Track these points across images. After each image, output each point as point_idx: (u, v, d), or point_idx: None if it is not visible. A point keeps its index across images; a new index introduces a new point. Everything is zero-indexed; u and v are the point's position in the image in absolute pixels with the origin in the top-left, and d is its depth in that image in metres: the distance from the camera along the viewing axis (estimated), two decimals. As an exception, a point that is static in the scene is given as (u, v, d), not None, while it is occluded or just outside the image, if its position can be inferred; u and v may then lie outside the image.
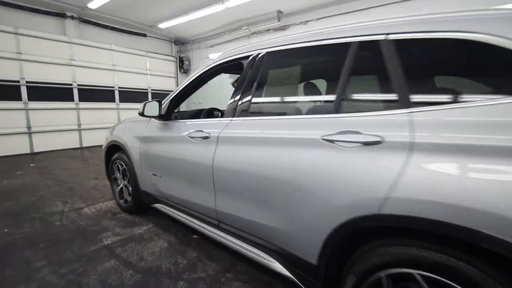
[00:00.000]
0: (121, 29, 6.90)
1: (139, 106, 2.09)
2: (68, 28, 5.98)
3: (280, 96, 1.58)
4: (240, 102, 1.51)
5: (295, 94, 1.66)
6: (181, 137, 1.80)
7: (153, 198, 2.18)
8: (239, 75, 2.53)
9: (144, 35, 7.44)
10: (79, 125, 6.19)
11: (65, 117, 5.97)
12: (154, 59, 7.72)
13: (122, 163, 2.45)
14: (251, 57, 1.54)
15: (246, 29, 6.38)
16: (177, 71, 8.41)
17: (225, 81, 7.06)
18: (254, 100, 1.46)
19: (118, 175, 2.59)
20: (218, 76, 2.06)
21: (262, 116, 1.43)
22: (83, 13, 5.99)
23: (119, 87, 6.89)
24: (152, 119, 2.14)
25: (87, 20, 6.25)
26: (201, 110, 2.45)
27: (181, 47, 8.45)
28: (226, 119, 1.56)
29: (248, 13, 5.82)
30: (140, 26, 6.91)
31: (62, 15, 5.85)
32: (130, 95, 7.13)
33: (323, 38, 1.22)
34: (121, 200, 2.59)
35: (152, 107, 1.99)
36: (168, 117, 2.06)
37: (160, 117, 2.05)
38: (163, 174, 1.98)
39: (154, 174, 2.07)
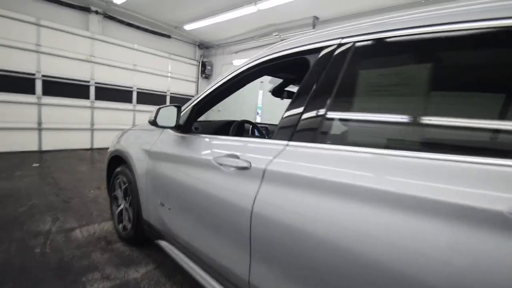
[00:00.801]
0: (145, 29, 6.64)
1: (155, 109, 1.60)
2: (92, 23, 5.75)
3: (390, 112, 0.88)
4: (304, 118, 0.96)
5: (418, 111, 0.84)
6: (205, 161, 1.25)
7: (157, 232, 1.64)
8: (281, 80, 2.03)
9: (169, 36, 7.16)
10: (92, 124, 5.87)
11: (78, 115, 5.66)
12: (177, 61, 7.41)
13: (125, 180, 1.94)
14: (325, 51, 0.99)
15: (276, 35, 5.92)
16: (198, 76, 8.07)
17: (249, 87, 6.60)
18: (333, 115, 0.91)
19: (119, 193, 2.08)
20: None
21: (352, 144, 0.84)
22: (108, 8, 5.75)
23: (137, 88, 6.57)
24: (166, 129, 1.62)
25: (111, 16, 6.01)
26: (229, 122, 1.92)
27: (204, 51, 8.13)
28: (277, 142, 1.01)
29: (281, 17, 5.37)
30: (165, 27, 6.62)
31: (86, 9, 5.63)
32: (148, 97, 6.79)
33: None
34: (120, 225, 2.07)
35: (169, 114, 1.46)
36: (188, 128, 1.54)
37: (177, 128, 1.53)
38: (174, 206, 1.44)
39: (162, 204, 1.53)
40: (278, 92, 1.93)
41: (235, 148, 1.16)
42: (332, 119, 0.91)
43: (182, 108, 1.55)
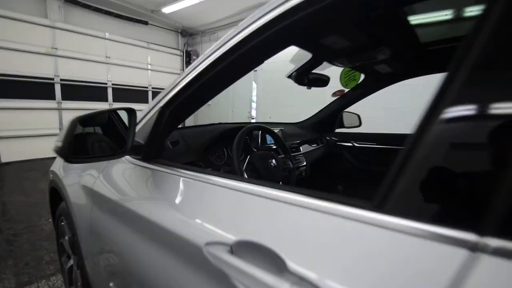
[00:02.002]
0: (117, 14, 5.74)
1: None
2: (51, 10, 4.84)
3: None
4: None
5: None
6: (188, 246, 0.57)
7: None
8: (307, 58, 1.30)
9: (146, 23, 6.27)
10: (60, 129, 5.03)
11: (43, 119, 4.82)
12: (157, 51, 6.55)
13: (68, 227, 1.24)
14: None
15: (269, 15, 5.15)
16: (183, 67, 7.23)
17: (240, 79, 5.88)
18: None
19: (66, 241, 1.38)
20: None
21: None
22: (68, -10, 4.84)
23: (113, 84, 5.72)
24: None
25: (74, 0, 5.09)
26: (230, 129, 1.25)
27: (188, 39, 7.27)
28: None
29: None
30: (140, 11, 5.74)
31: (42, -8, 4.71)
32: (127, 94, 5.95)
33: None
34: (71, 289, 1.37)
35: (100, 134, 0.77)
36: (154, 151, 0.85)
37: (135, 151, 0.84)
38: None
39: (115, 291, 0.85)
40: (301, 77, 1.24)
41: (268, 223, 0.49)
42: None
43: (141, 114, 0.86)
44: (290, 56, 5.14)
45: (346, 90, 1.78)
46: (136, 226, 0.74)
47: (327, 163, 1.98)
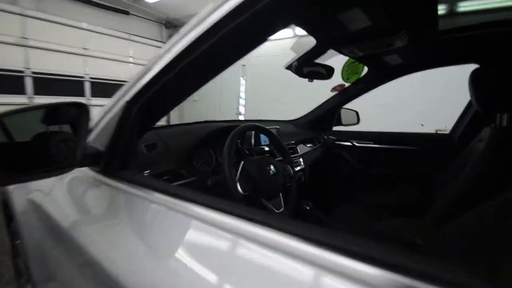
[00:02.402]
0: (96, 3, 5.34)
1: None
2: (20, -5, 4.41)
3: None
4: None
5: None
6: None
7: None
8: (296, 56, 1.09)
9: (127, 13, 5.89)
10: (33, 126, 4.64)
11: (13, 115, 4.41)
12: (139, 44, 6.19)
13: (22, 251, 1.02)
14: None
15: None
16: (168, 61, 6.88)
17: (228, 71, 5.64)
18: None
19: (22, 267, 1.16)
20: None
21: None
22: (39, -26, 4.43)
23: (91, 78, 5.34)
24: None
25: (47, -14, 4.68)
26: (220, 129, 1.07)
27: (172, 31, 6.92)
28: None
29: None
30: (122, 0, 5.37)
31: (9, -24, 4.28)
32: (106, 88, 5.57)
33: None
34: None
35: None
36: (121, 161, 0.65)
37: (92, 161, 0.64)
38: None
39: None
40: (303, 68, 1.06)
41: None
42: None
43: (101, 111, 0.65)
44: (281, 50, 4.96)
45: (347, 84, 1.61)
46: (85, 272, 0.54)
47: (325, 164, 1.82)
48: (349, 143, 1.79)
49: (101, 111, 0.69)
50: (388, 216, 1.43)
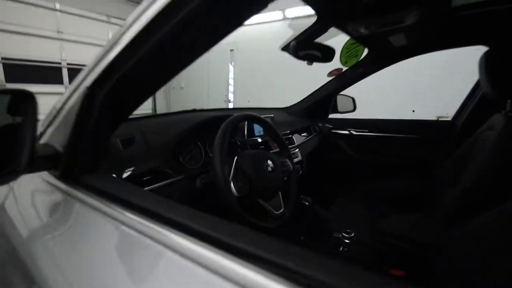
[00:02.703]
0: (69, -19, 4.91)
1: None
2: (-19, -29, 3.97)
3: None
4: None
5: None
6: None
7: None
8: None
9: (104, -7, 5.47)
10: (6, 117, 4.32)
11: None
12: (120, 27, 5.80)
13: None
14: None
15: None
16: (151, 46, 6.53)
17: (217, 57, 5.42)
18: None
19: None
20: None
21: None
22: None
23: (68, 64, 4.99)
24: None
25: (12, -40, 4.23)
26: (210, 119, 0.94)
27: (156, 13, 6.53)
28: None
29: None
30: (97, -21, 4.96)
31: None
32: (86, 75, 5.24)
33: None
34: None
35: None
36: (87, 161, 0.52)
37: (48, 164, 0.50)
38: None
39: None
40: (301, 48, 0.93)
41: None
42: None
43: (58, 102, 0.52)
44: (271, 34, 4.76)
45: (345, 68, 1.50)
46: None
47: (322, 155, 1.73)
48: (346, 132, 1.70)
49: (59, 100, 0.55)
50: (388, 206, 1.38)
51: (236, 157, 0.81)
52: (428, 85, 3.45)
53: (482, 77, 0.96)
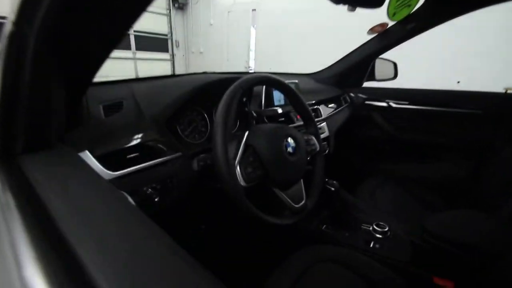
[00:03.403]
0: None
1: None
2: None
3: None
4: None
5: None
6: None
7: None
8: None
9: None
10: None
11: None
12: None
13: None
14: None
15: None
16: (169, 6, 6.18)
17: (235, 20, 5.04)
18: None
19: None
20: None
21: None
22: None
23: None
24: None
25: None
26: (208, 84, 0.73)
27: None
28: None
29: None
30: None
31: None
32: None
33: None
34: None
35: None
36: (33, 133, 0.36)
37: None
38: None
39: None
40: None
41: None
42: None
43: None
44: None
45: (391, 24, 1.20)
46: None
47: (353, 131, 1.49)
48: (383, 103, 1.43)
49: None
50: (431, 195, 1.16)
51: (247, 132, 0.62)
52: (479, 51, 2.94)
53: None
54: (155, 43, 5.89)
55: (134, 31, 5.49)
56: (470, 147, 1.24)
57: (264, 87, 0.88)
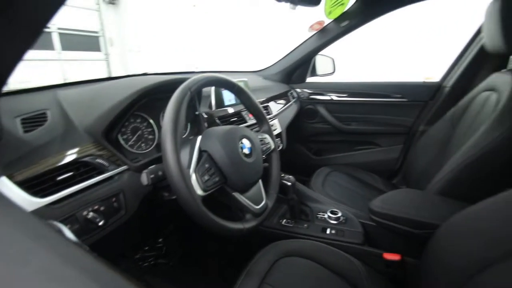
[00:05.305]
0: None
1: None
2: None
3: None
4: None
5: None
6: None
7: None
8: None
9: None
10: None
11: None
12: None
13: None
14: None
15: None
16: (98, 1, 5.59)
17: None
18: None
19: None
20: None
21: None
22: None
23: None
24: None
25: None
26: (171, 83, 0.68)
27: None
28: None
29: None
30: None
31: None
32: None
33: None
34: None
35: None
36: None
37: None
38: None
39: None
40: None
41: None
42: None
43: None
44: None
45: (327, 21, 1.27)
46: None
47: (301, 125, 1.55)
48: (326, 97, 1.52)
49: None
50: (374, 178, 1.28)
51: (200, 137, 0.59)
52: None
53: (491, 26, 0.82)
54: (85, 42, 5.28)
55: (59, 28, 4.82)
56: (399, 132, 1.40)
57: (213, 88, 0.85)
